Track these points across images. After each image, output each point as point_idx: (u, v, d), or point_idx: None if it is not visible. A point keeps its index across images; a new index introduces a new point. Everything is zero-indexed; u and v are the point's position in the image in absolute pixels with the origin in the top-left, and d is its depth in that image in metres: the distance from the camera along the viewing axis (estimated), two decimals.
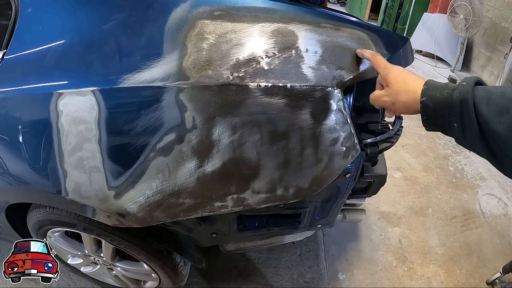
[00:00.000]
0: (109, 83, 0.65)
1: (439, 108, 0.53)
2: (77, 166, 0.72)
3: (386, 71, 0.63)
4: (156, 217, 0.76)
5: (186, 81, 0.63)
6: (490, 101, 0.46)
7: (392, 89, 0.62)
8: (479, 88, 0.49)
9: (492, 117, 0.45)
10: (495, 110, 0.45)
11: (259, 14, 0.67)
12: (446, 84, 0.54)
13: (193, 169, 0.69)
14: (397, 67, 0.64)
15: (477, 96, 0.48)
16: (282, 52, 0.66)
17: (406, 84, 0.60)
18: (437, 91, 0.54)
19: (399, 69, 0.63)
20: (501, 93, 0.46)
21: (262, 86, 0.64)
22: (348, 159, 0.76)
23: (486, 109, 0.46)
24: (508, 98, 0.45)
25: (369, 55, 0.67)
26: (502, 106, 0.45)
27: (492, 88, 0.49)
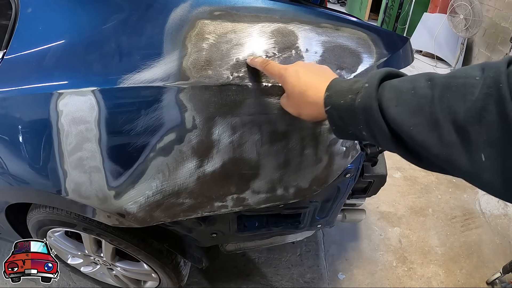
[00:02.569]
0: (109, 83, 0.65)
1: (345, 116, 0.46)
2: (77, 166, 0.72)
3: (282, 79, 0.56)
4: (156, 217, 0.76)
5: (186, 81, 0.63)
6: (400, 102, 0.40)
7: (293, 101, 0.55)
8: (386, 87, 0.42)
9: (404, 120, 0.39)
10: (407, 111, 0.39)
11: (259, 14, 0.67)
12: (351, 86, 0.46)
13: (193, 169, 0.69)
14: (293, 69, 0.55)
15: (384, 99, 0.41)
16: (282, 52, 0.65)
17: (304, 96, 0.51)
18: (341, 97, 0.46)
19: (295, 75, 0.54)
20: (412, 91, 0.40)
21: (262, 86, 0.64)
22: (348, 159, 0.76)
23: (395, 112, 0.40)
24: (420, 96, 0.39)
25: (259, 64, 0.60)
26: (414, 106, 0.39)
27: (401, 84, 0.42)
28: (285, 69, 0.56)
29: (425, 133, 0.38)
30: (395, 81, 0.43)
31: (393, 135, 0.42)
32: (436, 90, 0.38)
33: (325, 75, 0.52)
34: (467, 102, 0.35)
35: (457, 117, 0.35)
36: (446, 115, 0.36)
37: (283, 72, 0.56)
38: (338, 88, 0.48)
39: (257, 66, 0.62)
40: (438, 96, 0.37)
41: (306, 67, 0.55)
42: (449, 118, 0.36)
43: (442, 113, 0.37)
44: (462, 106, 0.35)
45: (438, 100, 0.37)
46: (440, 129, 0.37)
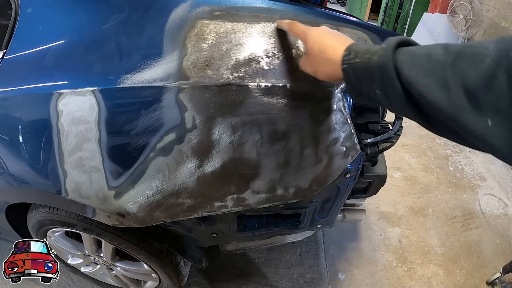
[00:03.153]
0: (109, 83, 0.65)
1: (360, 75, 0.48)
2: (77, 166, 0.72)
3: (305, 37, 0.58)
4: (156, 217, 0.76)
5: (186, 81, 0.63)
6: (414, 65, 0.42)
7: (311, 58, 0.58)
8: (402, 51, 0.44)
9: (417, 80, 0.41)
10: (420, 73, 0.41)
11: (259, 14, 0.67)
12: (369, 48, 0.49)
13: (193, 169, 0.69)
14: (317, 30, 0.58)
15: (398, 60, 0.43)
16: (282, 52, 0.65)
17: (324, 53, 0.54)
18: (358, 57, 0.48)
19: (317, 34, 0.57)
20: (427, 55, 0.41)
21: (262, 86, 0.64)
22: (348, 159, 0.76)
23: (409, 72, 0.42)
24: (434, 61, 0.41)
25: (286, 25, 0.63)
26: (428, 69, 0.41)
27: (417, 49, 0.44)
28: (309, 29, 0.59)
29: (435, 93, 0.39)
30: (412, 47, 0.45)
31: (406, 95, 0.43)
32: (450, 56, 0.39)
33: (345, 39, 0.55)
34: (478, 69, 0.36)
35: (468, 83, 0.37)
36: (457, 80, 0.38)
37: (306, 31, 0.59)
38: (357, 49, 0.50)
39: (284, 27, 0.64)
40: (450, 62, 0.39)
41: (330, 30, 0.58)
42: (460, 83, 0.37)
43: (454, 77, 0.38)
44: (473, 73, 0.36)
45: (450, 65, 0.39)
46: (450, 91, 0.38)
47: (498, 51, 0.35)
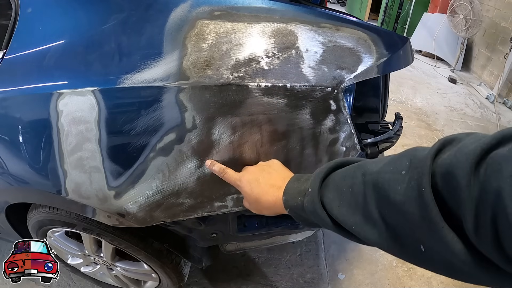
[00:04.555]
0: (109, 83, 0.65)
1: (302, 215, 0.50)
2: (77, 166, 0.72)
3: (239, 189, 0.63)
4: (156, 217, 0.76)
5: (186, 81, 0.63)
6: (341, 202, 0.42)
7: (251, 206, 0.61)
8: (329, 186, 0.45)
9: (346, 220, 0.42)
10: (348, 211, 0.42)
11: (259, 14, 0.67)
12: (300, 187, 0.51)
13: (193, 169, 0.69)
14: (245, 181, 0.61)
15: (327, 200, 0.45)
16: (282, 52, 0.66)
17: (259, 203, 0.57)
18: (294, 200, 0.51)
19: (248, 187, 0.60)
20: (350, 188, 0.42)
21: (262, 86, 0.64)
22: None
23: (338, 212, 0.43)
24: (357, 193, 0.41)
25: (217, 172, 0.66)
26: (353, 205, 0.41)
27: (341, 181, 0.44)
28: (239, 180, 0.62)
29: (365, 230, 0.40)
30: (338, 177, 0.46)
31: (343, 229, 0.44)
32: (368, 188, 0.40)
33: (273, 179, 0.58)
34: (391, 202, 0.36)
35: (385, 215, 0.37)
36: (378, 213, 0.38)
37: (238, 183, 0.63)
38: (291, 192, 0.52)
39: (215, 172, 0.67)
40: (370, 195, 0.39)
41: (257, 176, 0.60)
42: (380, 216, 0.38)
43: (375, 211, 0.38)
44: (387, 205, 0.37)
45: (370, 198, 0.39)
46: (376, 227, 0.39)
47: (410, 182, 0.34)
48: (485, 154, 0.29)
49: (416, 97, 3.57)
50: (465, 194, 0.29)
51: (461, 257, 0.30)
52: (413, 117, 3.11)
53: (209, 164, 0.67)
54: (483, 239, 0.28)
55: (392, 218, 0.37)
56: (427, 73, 4.37)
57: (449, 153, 0.33)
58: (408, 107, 3.32)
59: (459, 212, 0.30)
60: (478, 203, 0.28)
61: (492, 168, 0.27)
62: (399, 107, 3.27)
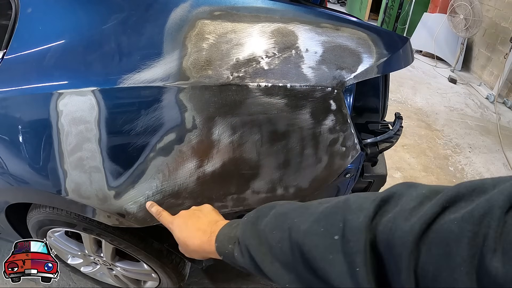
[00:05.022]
0: (109, 83, 0.65)
1: (236, 263, 0.48)
2: (77, 166, 0.72)
3: (171, 231, 0.62)
4: None
5: (186, 81, 0.63)
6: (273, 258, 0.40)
7: (181, 248, 0.61)
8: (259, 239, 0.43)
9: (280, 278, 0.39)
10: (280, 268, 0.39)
11: (259, 14, 0.67)
12: (230, 233, 0.50)
13: (193, 169, 0.69)
14: (176, 225, 0.60)
15: (257, 252, 0.42)
16: (282, 52, 0.65)
17: (187, 246, 0.57)
18: (225, 248, 0.50)
19: (178, 229, 0.60)
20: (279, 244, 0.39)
21: (262, 86, 0.64)
22: (348, 159, 0.76)
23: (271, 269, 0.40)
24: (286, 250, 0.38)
25: (154, 213, 0.67)
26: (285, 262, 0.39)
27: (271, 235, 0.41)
28: (171, 223, 0.62)
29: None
30: (268, 229, 0.42)
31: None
32: (295, 248, 0.37)
33: (200, 223, 0.58)
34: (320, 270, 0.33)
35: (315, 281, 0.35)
36: (309, 275, 0.35)
37: (170, 226, 0.63)
38: (221, 238, 0.51)
39: (152, 213, 0.68)
40: (297, 256, 0.36)
41: (186, 220, 0.60)
42: (313, 278, 0.35)
43: (306, 273, 0.36)
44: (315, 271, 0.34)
45: (298, 260, 0.36)
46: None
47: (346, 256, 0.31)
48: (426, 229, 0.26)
49: (416, 97, 3.57)
50: (406, 279, 0.26)
51: None
52: (413, 117, 3.11)
53: (148, 205, 0.70)
54: None
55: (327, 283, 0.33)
56: (427, 73, 4.37)
57: (387, 220, 0.29)
58: (408, 107, 3.32)
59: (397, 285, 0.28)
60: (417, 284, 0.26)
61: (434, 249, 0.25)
62: (399, 107, 3.27)
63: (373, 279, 0.29)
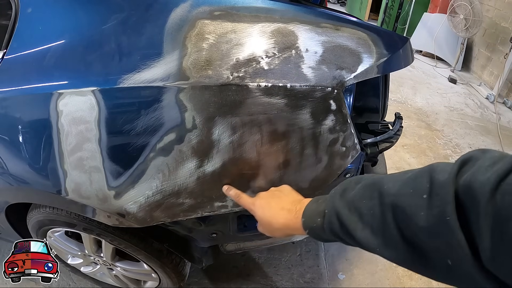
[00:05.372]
0: (109, 83, 0.65)
1: (322, 236, 0.51)
2: (77, 166, 0.72)
3: (252, 212, 0.65)
4: (156, 217, 0.76)
5: (186, 81, 0.63)
6: (364, 225, 0.43)
7: (264, 229, 0.63)
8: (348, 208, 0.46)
9: (369, 243, 0.43)
10: (370, 234, 0.42)
11: (259, 14, 0.67)
12: (318, 208, 0.52)
13: (193, 169, 0.69)
14: (258, 206, 0.63)
15: (348, 221, 0.45)
16: (282, 52, 0.66)
17: (271, 225, 0.60)
18: (313, 222, 0.52)
19: (260, 210, 0.62)
20: (371, 211, 0.43)
21: (262, 86, 0.64)
22: (348, 159, 0.76)
23: (361, 235, 0.43)
24: (377, 216, 0.42)
25: (233, 196, 0.69)
26: (375, 228, 0.42)
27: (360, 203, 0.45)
28: (253, 204, 0.65)
29: (389, 252, 0.41)
30: (357, 199, 0.46)
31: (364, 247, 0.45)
32: (388, 211, 0.40)
33: (283, 202, 0.61)
34: (413, 227, 0.37)
35: (407, 238, 0.38)
36: (399, 236, 0.39)
37: (251, 207, 0.65)
38: (309, 213, 0.54)
39: (231, 197, 0.71)
40: (390, 218, 0.40)
41: (269, 200, 0.63)
42: (402, 239, 0.38)
43: (396, 234, 0.39)
44: (409, 229, 0.37)
45: (390, 221, 0.40)
46: (398, 249, 0.39)
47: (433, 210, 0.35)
48: (500, 181, 0.30)
49: (416, 97, 3.57)
50: (483, 222, 0.31)
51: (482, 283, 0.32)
52: (413, 117, 3.11)
53: (225, 189, 0.71)
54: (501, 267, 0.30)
55: (415, 241, 0.37)
56: (427, 73, 4.37)
57: (468, 175, 0.34)
58: (408, 107, 3.32)
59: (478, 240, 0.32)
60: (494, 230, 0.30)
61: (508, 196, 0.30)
62: (399, 107, 3.27)
63: (459, 227, 0.33)
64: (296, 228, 0.55)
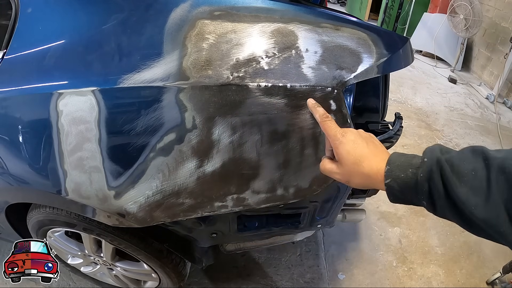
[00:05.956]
0: (109, 83, 0.65)
1: (406, 189, 0.48)
2: (77, 166, 0.72)
3: (337, 143, 0.55)
4: (156, 217, 0.76)
5: (186, 81, 0.63)
6: (463, 182, 0.43)
7: (344, 168, 0.55)
8: (448, 164, 0.45)
9: (467, 200, 0.42)
10: (469, 191, 0.42)
11: (259, 14, 0.67)
12: (410, 161, 0.49)
13: (193, 169, 0.69)
14: (350, 137, 0.55)
15: (447, 176, 0.44)
16: (282, 52, 0.65)
17: (359, 166, 0.52)
18: (401, 171, 0.49)
19: (352, 143, 0.54)
20: (473, 172, 0.43)
21: (262, 86, 0.64)
22: None
23: (459, 191, 0.43)
24: (480, 177, 0.42)
25: (320, 115, 0.60)
26: (475, 187, 0.42)
27: (461, 164, 0.44)
28: (342, 134, 0.55)
29: (486, 213, 0.41)
30: (455, 160, 0.46)
31: (455, 209, 0.44)
32: (493, 171, 0.41)
33: (379, 150, 0.54)
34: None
35: (509, 202, 0.39)
36: (501, 198, 0.40)
37: (339, 137, 0.55)
38: (398, 163, 0.50)
39: (315, 115, 0.62)
40: (494, 178, 0.41)
41: (363, 137, 0.56)
42: (502, 199, 0.40)
43: (498, 195, 0.40)
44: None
45: (494, 182, 0.41)
46: (497, 209, 0.40)
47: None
48: None
49: (416, 97, 3.57)
50: None
51: None
52: (413, 117, 3.11)
53: (312, 103, 0.63)
54: None
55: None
56: (427, 73, 4.37)
57: None
58: (408, 107, 3.32)
59: None
60: None
61: None
62: (399, 107, 3.27)
63: None
64: (376, 180, 0.50)
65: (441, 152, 0.48)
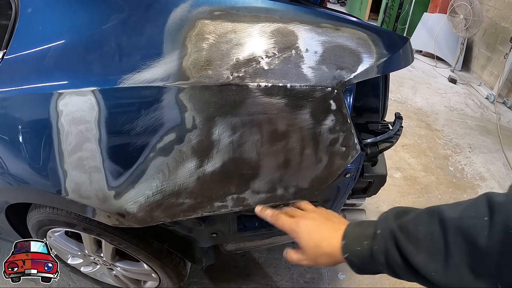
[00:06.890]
0: (109, 83, 0.65)
1: (364, 262, 0.49)
2: (77, 166, 0.72)
3: (294, 234, 0.59)
4: (156, 217, 0.76)
5: (186, 81, 0.63)
6: (420, 250, 0.43)
7: (308, 254, 0.57)
8: (401, 234, 0.45)
9: (425, 267, 0.42)
10: (427, 258, 0.42)
11: (259, 14, 0.67)
12: (365, 231, 0.50)
13: (193, 169, 0.69)
14: (304, 225, 0.58)
15: (402, 244, 0.44)
16: (282, 52, 0.65)
17: (321, 248, 0.54)
18: (357, 244, 0.49)
19: (306, 230, 0.57)
20: (429, 236, 0.43)
21: (262, 86, 0.64)
22: (348, 159, 0.76)
23: (417, 260, 0.42)
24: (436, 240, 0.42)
25: (269, 217, 0.64)
26: (433, 252, 0.42)
27: (417, 228, 0.44)
28: (296, 224, 0.59)
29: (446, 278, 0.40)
30: (411, 225, 0.45)
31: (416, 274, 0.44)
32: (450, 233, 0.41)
33: (335, 223, 0.56)
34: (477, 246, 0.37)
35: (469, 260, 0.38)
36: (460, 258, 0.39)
37: (294, 228, 0.59)
38: (354, 235, 0.51)
39: (266, 218, 0.65)
40: (452, 240, 0.40)
41: (316, 218, 0.59)
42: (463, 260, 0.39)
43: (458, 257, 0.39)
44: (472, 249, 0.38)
45: (452, 244, 0.40)
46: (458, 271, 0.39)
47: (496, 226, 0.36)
48: None
49: (416, 97, 3.57)
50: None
51: None
52: (413, 117, 3.11)
53: (259, 209, 0.68)
54: None
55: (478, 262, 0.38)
56: (427, 73, 4.37)
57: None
58: (408, 107, 3.32)
59: None
60: None
61: None
62: (399, 107, 3.27)
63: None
64: (339, 256, 0.51)
65: (396, 218, 0.48)
